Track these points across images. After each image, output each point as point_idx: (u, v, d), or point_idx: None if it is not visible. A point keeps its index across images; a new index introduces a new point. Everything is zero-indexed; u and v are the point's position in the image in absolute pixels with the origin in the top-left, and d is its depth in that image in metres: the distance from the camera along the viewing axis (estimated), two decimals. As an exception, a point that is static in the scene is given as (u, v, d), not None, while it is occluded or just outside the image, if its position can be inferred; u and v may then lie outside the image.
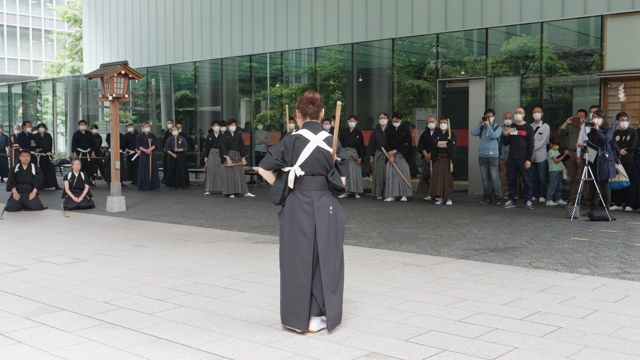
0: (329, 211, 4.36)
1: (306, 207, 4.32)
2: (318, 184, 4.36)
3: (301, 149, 4.31)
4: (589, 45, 12.91)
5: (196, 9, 19.90)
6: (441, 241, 8.00)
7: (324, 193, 4.39)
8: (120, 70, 11.58)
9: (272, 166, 4.34)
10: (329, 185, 4.39)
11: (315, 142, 4.33)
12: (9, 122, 26.05)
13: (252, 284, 5.82)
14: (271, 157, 4.33)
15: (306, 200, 4.33)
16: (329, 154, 4.36)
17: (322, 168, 4.35)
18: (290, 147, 4.32)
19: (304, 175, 4.32)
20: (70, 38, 40.84)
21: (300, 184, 4.35)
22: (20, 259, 7.13)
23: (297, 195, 4.36)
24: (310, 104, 4.44)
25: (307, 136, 4.35)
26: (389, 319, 4.66)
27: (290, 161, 4.33)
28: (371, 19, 15.76)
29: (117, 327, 4.53)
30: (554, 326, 4.46)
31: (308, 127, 4.42)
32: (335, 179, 4.35)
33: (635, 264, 6.48)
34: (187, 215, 10.90)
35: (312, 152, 4.30)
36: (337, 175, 4.37)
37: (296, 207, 4.34)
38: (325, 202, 4.37)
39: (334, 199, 4.44)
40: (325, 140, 4.37)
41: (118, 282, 5.94)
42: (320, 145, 4.33)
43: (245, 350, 4.02)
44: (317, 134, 4.37)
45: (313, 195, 4.34)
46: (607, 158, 9.83)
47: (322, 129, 4.45)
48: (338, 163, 4.40)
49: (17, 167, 12.21)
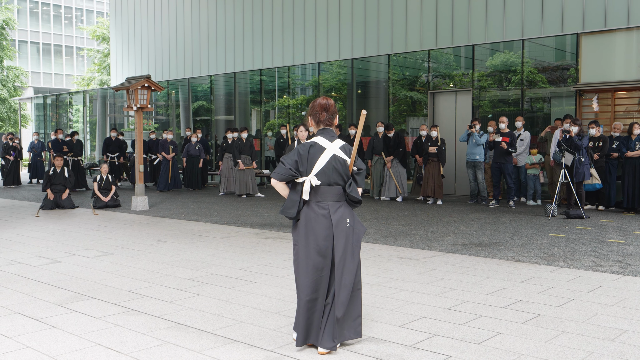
0: (347, 224, 3.70)
1: (323, 220, 3.65)
2: (335, 194, 3.71)
3: (316, 157, 3.67)
4: (565, 60, 12.89)
5: (212, 28, 19.92)
6: (432, 237, 7.99)
7: (341, 204, 3.73)
8: (144, 83, 11.61)
9: (286, 177, 3.68)
10: (345, 196, 3.75)
11: (332, 150, 3.70)
12: (44, 129, 26.11)
13: (262, 275, 5.83)
14: (284, 167, 3.67)
15: (323, 213, 3.66)
16: (346, 162, 3.72)
17: (339, 177, 3.71)
18: (304, 156, 3.68)
19: (320, 186, 3.67)
20: (99, 54, 40.93)
21: (316, 195, 3.69)
22: (54, 252, 7.15)
23: (313, 207, 3.69)
24: (323, 111, 3.79)
25: (323, 144, 3.71)
26: (385, 307, 4.66)
27: (305, 171, 3.68)
28: (369, 37, 15.76)
29: (141, 314, 4.54)
30: (534, 313, 4.46)
31: (322, 134, 3.77)
32: (353, 191, 3.71)
33: (608, 258, 6.48)
34: (203, 213, 10.91)
35: (328, 160, 3.67)
36: (354, 186, 3.74)
37: (312, 220, 3.67)
38: (343, 214, 3.70)
39: (351, 211, 3.77)
40: (342, 148, 3.74)
41: (142, 274, 5.95)
42: (337, 154, 3.70)
43: (256, 335, 4.02)
44: (333, 141, 3.73)
45: (330, 207, 3.68)
46: (583, 162, 9.83)
47: (337, 137, 3.81)
48: (354, 173, 3.77)
49: (52, 170, 12.24)
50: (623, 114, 11.95)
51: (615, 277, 5.61)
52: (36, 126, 27.52)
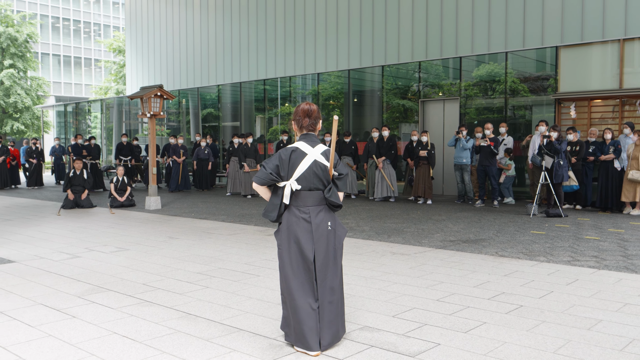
0: (328, 227, 3.50)
1: (304, 223, 3.44)
2: (315, 199, 3.48)
3: (297, 162, 3.45)
4: (545, 71, 12.89)
5: (219, 41, 19.92)
6: (422, 234, 7.99)
7: (321, 208, 3.50)
8: (156, 92, 11.61)
9: (267, 181, 3.46)
10: (325, 201, 3.52)
11: (313, 155, 3.47)
12: (64, 135, 26.09)
13: (266, 269, 5.82)
14: (265, 172, 3.45)
15: (304, 217, 3.45)
16: (327, 168, 3.50)
17: (320, 182, 3.48)
18: (285, 161, 3.46)
19: (300, 190, 3.45)
20: (115, 65, 40.95)
21: (297, 200, 3.47)
22: (74, 248, 7.15)
23: (294, 211, 3.47)
24: (306, 117, 3.55)
25: (304, 149, 3.48)
26: (378, 298, 4.65)
27: (285, 176, 3.46)
28: (364, 49, 15.77)
29: (154, 305, 4.54)
30: (516, 305, 4.46)
31: (305, 139, 3.54)
32: (332, 196, 3.48)
33: (584, 253, 6.48)
34: (211, 212, 10.90)
35: (309, 165, 3.45)
36: (334, 191, 3.50)
37: (293, 224, 3.46)
38: (323, 218, 3.49)
39: (332, 214, 3.56)
40: (323, 153, 3.51)
41: (155, 268, 5.95)
42: (318, 159, 3.48)
43: (260, 324, 4.02)
44: (315, 147, 3.50)
45: (311, 211, 3.46)
46: (562, 165, 9.83)
47: (319, 142, 3.57)
48: (335, 178, 3.53)
49: (72, 172, 12.24)
50: (598, 120, 11.96)
51: (591, 271, 5.61)
52: (57, 132, 27.50)
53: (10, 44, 32.71)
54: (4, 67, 32.50)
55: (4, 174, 17.65)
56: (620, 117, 11.54)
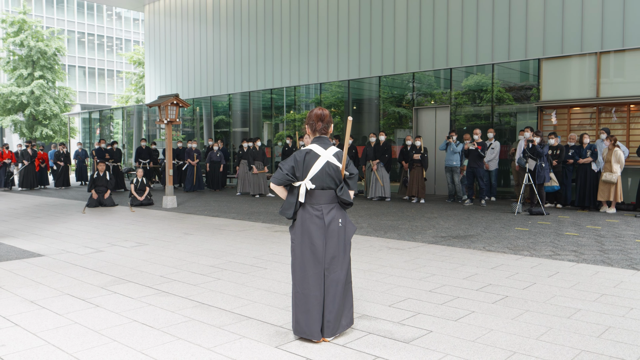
0: (339, 224, 3.49)
1: (317, 220, 3.44)
2: (328, 197, 3.47)
3: (311, 163, 3.45)
4: (528, 81, 12.87)
5: (230, 54, 19.94)
6: (416, 230, 7.98)
7: (333, 206, 3.49)
8: (173, 100, 11.62)
9: (283, 181, 3.46)
10: (337, 199, 3.52)
11: (326, 157, 3.47)
12: (89, 140, 26.14)
13: (273, 262, 5.82)
14: (281, 173, 3.46)
15: (317, 214, 3.44)
16: (339, 168, 3.49)
17: (332, 182, 3.48)
18: (300, 162, 3.46)
19: (314, 189, 3.45)
20: (135, 76, 40.98)
21: (311, 198, 3.46)
22: (98, 243, 7.16)
23: (308, 209, 3.46)
24: (319, 121, 3.55)
25: (317, 151, 3.48)
26: (376, 289, 4.65)
27: (300, 176, 3.46)
28: (363, 61, 15.76)
29: (171, 295, 4.54)
30: (502, 295, 4.45)
31: (318, 142, 3.54)
32: (343, 194, 3.48)
33: (564, 248, 6.46)
34: (223, 210, 10.91)
35: (322, 166, 3.45)
36: (345, 190, 3.50)
37: (307, 220, 3.45)
38: (334, 216, 3.48)
39: (343, 212, 3.54)
40: (335, 155, 3.51)
41: (171, 261, 5.95)
42: (330, 160, 3.47)
43: (268, 313, 4.02)
44: (327, 149, 3.50)
45: (323, 209, 3.46)
46: (544, 167, 9.81)
47: (331, 144, 3.57)
48: (346, 177, 3.53)
49: (95, 174, 12.25)
50: (577, 126, 11.94)
51: (571, 264, 5.59)
52: (82, 137, 27.54)
53: (40, 57, 32.80)
54: (34, 78, 32.59)
55: (33, 176, 17.69)
56: (597, 124, 11.51)
